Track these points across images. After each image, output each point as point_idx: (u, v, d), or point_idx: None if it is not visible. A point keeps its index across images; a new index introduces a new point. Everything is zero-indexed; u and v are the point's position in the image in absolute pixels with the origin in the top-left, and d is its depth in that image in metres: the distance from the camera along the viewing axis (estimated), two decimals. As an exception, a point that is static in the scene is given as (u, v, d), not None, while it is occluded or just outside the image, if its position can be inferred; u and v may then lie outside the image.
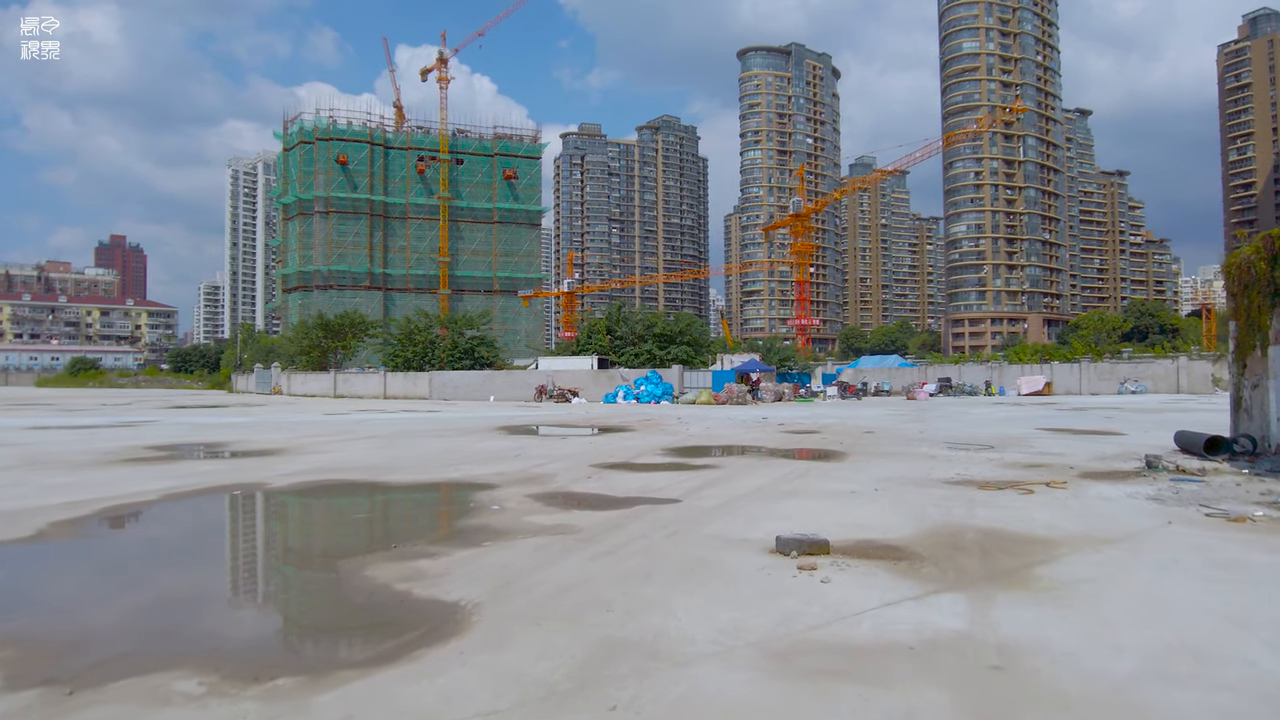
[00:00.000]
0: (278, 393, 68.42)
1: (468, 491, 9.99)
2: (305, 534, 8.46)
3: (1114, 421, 22.52)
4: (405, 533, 7.83)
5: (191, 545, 7.61)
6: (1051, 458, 13.08)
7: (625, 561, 6.11)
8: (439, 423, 24.49)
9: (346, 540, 7.56)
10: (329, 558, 6.76)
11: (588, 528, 7.43)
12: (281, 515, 9.35)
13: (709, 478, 10.99)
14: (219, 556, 7.36)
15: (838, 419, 24.83)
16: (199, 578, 6.29)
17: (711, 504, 8.71)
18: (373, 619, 4.86)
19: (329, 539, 7.92)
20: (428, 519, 8.99)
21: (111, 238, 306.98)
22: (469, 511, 8.66)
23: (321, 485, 10.94)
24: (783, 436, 18.08)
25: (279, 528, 8.69)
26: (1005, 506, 8.35)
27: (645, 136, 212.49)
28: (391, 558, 6.39)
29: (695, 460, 13.25)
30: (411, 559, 6.30)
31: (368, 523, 8.54)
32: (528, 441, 17.31)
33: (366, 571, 5.93)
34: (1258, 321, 13.69)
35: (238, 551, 7.53)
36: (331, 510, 9.52)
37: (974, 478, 10.67)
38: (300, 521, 9.07)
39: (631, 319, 57.84)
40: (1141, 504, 8.48)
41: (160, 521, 8.54)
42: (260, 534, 8.30)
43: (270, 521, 8.96)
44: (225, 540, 8.12)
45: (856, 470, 11.61)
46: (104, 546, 7.47)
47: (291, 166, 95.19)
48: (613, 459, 13.53)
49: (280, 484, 10.94)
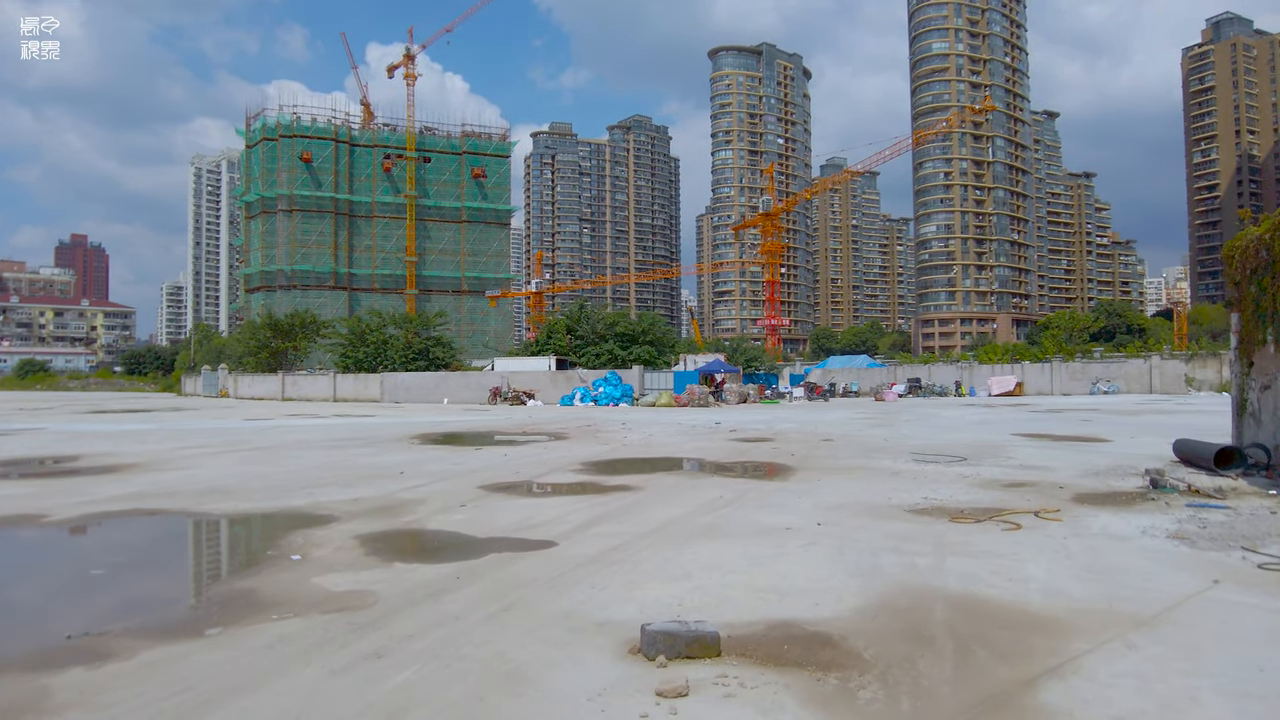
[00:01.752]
0: (225, 395, 65.54)
1: (284, 530, 7.59)
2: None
3: (1094, 425, 20.66)
4: (124, 604, 5.39)
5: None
6: (1035, 473, 10.99)
7: (392, 675, 3.81)
8: (356, 430, 21.97)
9: (20, 618, 5.13)
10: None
11: (389, 598, 5.11)
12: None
13: (614, 506, 8.70)
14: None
15: (798, 424, 22.73)
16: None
17: (593, 550, 6.43)
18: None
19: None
20: (184, 578, 6.51)
21: (73, 237, 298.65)
22: (256, 564, 6.29)
23: (117, 516, 8.48)
24: (730, 446, 15.88)
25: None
26: (986, 553, 6.16)
27: (617, 136, 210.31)
28: (34, 663, 4.03)
29: (612, 479, 10.96)
30: (62, 666, 3.95)
31: (97, 582, 6.03)
32: (432, 455, 14.91)
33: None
34: (1269, 311, 11.71)
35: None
36: (74, 558, 7.06)
37: (945, 503, 8.52)
38: (6, 578, 6.59)
39: (593, 318, 55.58)
40: (1164, 546, 6.36)
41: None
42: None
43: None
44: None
45: (802, 493, 9.40)
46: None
47: (254, 164, 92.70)
48: (514, 478, 11.21)
49: (65, 514, 8.48)
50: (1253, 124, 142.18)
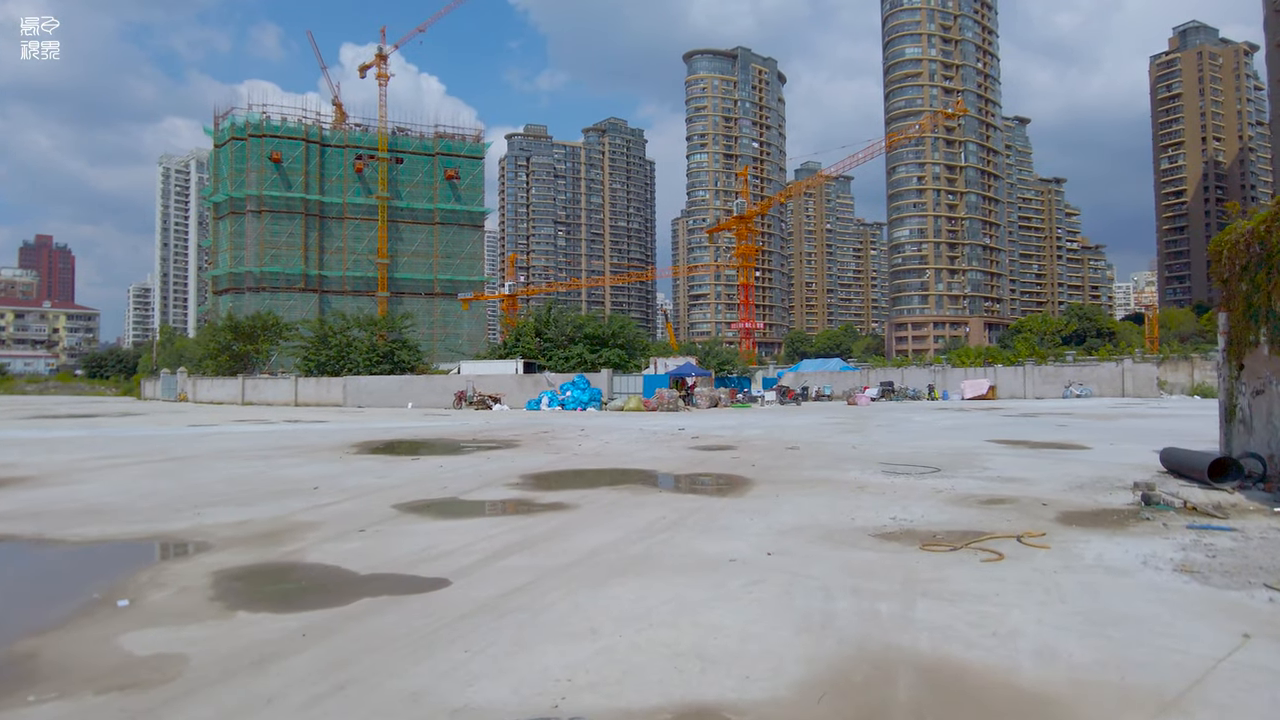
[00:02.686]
0: (183, 399, 63.52)
1: (135, 564, 6.34)
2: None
3: (1070, 431, 19.87)
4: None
5: None
6: (1015, 486, 10.01)
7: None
8: (297, 438, 20.60)
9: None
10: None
11: (200, 668, 3.91)
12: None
13: (538, 530, 7.55)
14: None
15: (765, 429, 21.72)
16: None
17: (490, 593, 5.28)
18: None
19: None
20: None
21: (37, 237, 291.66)
22: (68, 613, 5.05)
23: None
24: (688, 455, 14.78)
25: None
26: (963, 594, 5.11)
27: (592, 139, 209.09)
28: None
29: (547, 496, 9.81)
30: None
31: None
32: (362, 466, 13.65)
33: None
34: (1263, 310, 10.85)
35: None
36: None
37: (915, 524, 7.47)
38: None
39: (561, 320, 54.35)
40: (1173, 582, 5.35)
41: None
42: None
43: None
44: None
45: (756, 512, 8.31)
46: None
47: (223, 164, 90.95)
48: (439, 494, 10.01)
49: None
50: (1218, 131, 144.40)
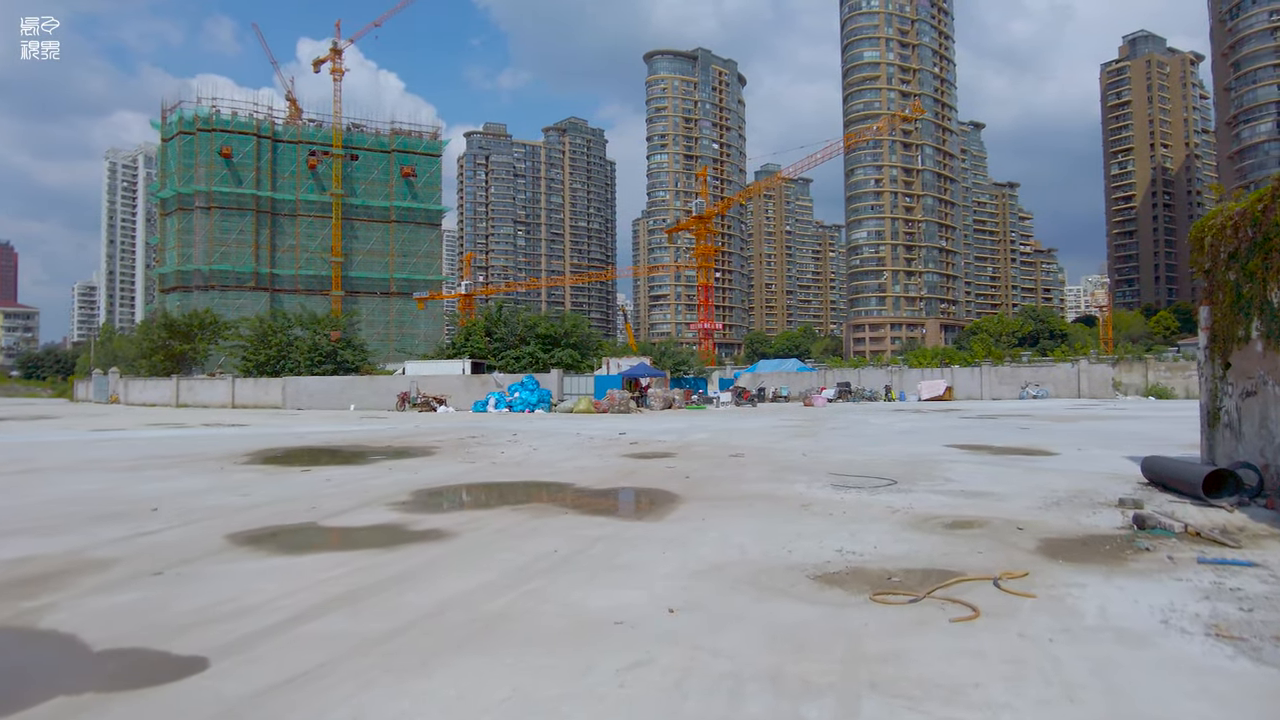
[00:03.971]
0: (115, 401, 60.27)
1: None
2: None
3: (1033, 434, 18.75)
4: None
5: None
6: (982, 503, 8.60)
7: None
8: (196, 445, 18.51)
9: None
10: None
11: None
12: None
13: (390, 570, 5.85)
14: None
15: (712, 433, 20.24)
16: None
17: (244, 690, 3.58)
18: None
19: None
20: None
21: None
22: None
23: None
24: (619, 464, 13.17)
25: None
26: (929, 685, 3.56)
27: (552, 138, 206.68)
28: None
29: (428, 520, 8.09)
30: None
31: None
32: (236, 480, 11.75)
33: None
34: (1256, 301, 9.61)
35: None
36: None
37: (865, 560, 5.95)
38: None
39: (512, 319, 52.43)
40: (1208, 653, 3.88)
41: None
42: None
43: None
44: None
45: (671, 542, 6.74)
46: None
47: (170, 158, 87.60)
48: (300, 517, 8.24)
49: None
50: (1166, 139, 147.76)
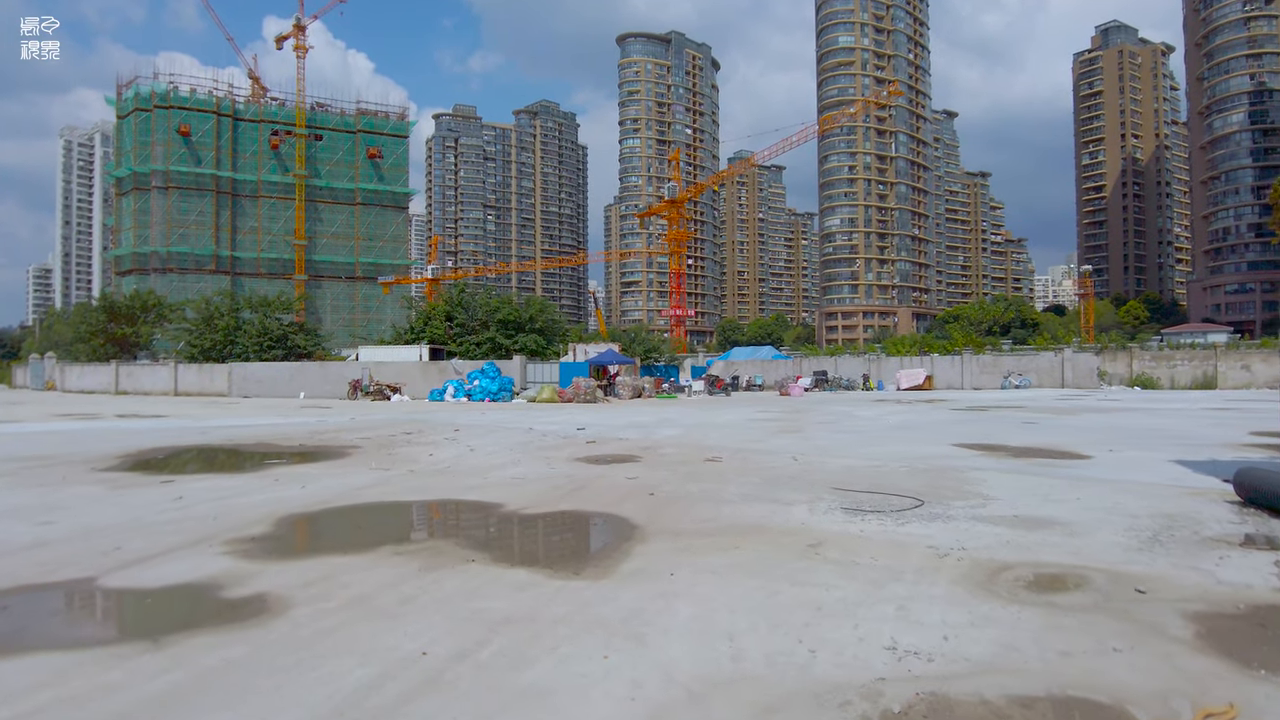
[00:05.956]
0: (51, 388, 56.53)
1: None
2: None
3: (1042, 430, 16.57)
4: None
5: None
6: (1053, 539, 6.20)
7: None
8: (70, 443, 15.61)
9: None
10: None
11: None
12: None
13: (118, 703, 3.29)
14: None
15: (684, 429, 17.79)
16: None
17: None
18: None
19: None
20: None
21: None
22: None
23: None
24: (567, 473, 10.63)
25: None
26: None
27: (523, 121, 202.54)
28: None
29: (264, 574, 5.48)
30: None
31: None
32: (60, 498, 8.98)
33: None
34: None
35: None
36: None
37: (940, 674, 3.47)
38: None
39: (474, 303, 49.54)
40: None
41: None
42: None
43: None
44: None
45: (622, 625, 4.22)
46: None
47: (126, 136, 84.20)
48: (71, 571, 5.60)
49: None
50: (1136, 129, 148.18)
